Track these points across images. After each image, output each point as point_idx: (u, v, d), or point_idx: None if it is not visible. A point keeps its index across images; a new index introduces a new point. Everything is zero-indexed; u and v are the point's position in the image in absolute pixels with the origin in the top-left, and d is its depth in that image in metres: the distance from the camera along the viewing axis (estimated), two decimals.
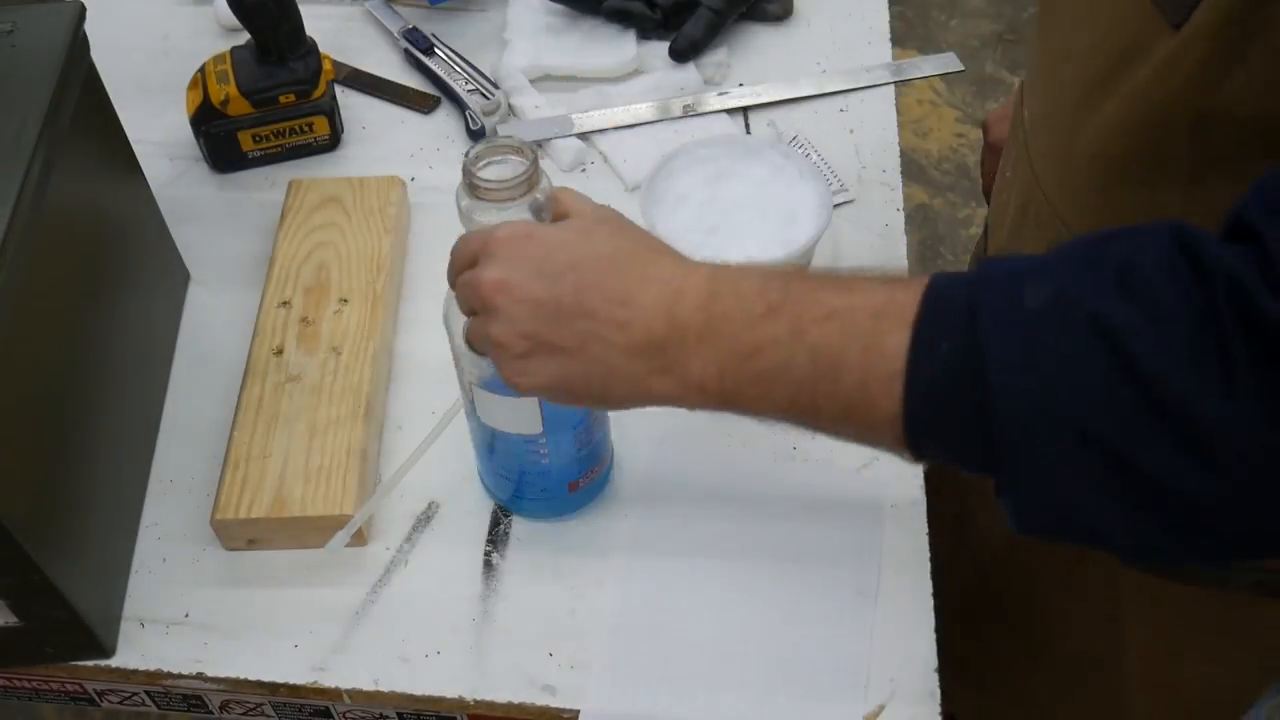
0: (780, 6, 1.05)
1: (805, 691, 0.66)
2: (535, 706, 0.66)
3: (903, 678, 0.67)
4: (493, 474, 0.73)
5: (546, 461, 0.69)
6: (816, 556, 0.71)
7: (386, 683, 0.67)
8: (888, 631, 0.68)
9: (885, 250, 0.87)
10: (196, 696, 0.72)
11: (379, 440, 0.77)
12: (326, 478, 0.71)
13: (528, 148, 0.58)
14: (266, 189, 0.92)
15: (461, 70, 0.98)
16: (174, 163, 0.95)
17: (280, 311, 0.80)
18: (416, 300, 0.85)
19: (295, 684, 0.67)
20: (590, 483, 0.72)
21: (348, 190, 0.87)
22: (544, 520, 0.73)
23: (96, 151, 0.73)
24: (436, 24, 1.04)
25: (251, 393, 0.75)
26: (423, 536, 0.73)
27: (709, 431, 0.77)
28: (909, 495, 0.74)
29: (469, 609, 0.70)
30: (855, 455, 0.76)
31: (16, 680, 0.73)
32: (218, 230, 0.90)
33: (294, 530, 0.71)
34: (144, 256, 0.81)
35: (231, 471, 0.72)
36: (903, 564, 0.71)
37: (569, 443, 0.68)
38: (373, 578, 0.71)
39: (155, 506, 0.75)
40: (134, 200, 0.80)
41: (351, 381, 0.76)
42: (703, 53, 1.00)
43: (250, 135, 0.92)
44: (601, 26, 1.03)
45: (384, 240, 0.84)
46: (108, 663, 0.68)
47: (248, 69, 0.90)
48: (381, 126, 0.98)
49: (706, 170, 0.74)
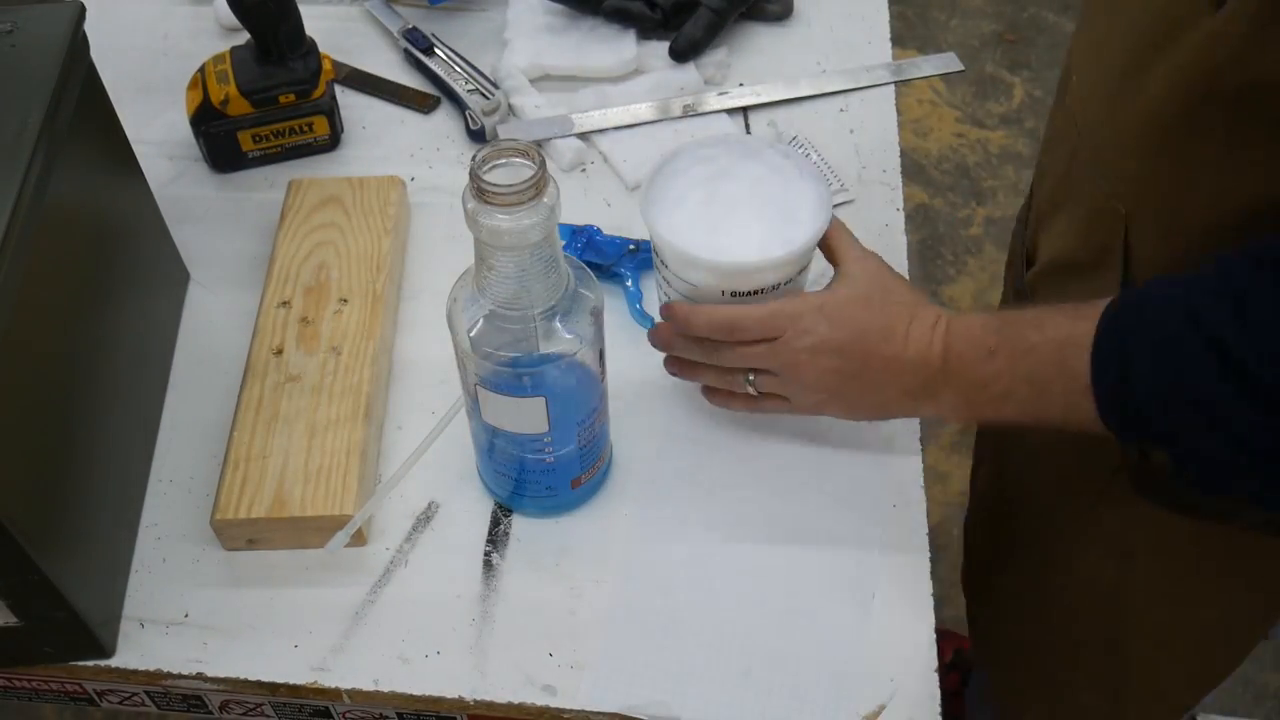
0: (780, 6, 1.05)
1: (805, 691, 0.66)
2: (535, 706, 0.66)
3: (903, 678, 0.67)
4: (493, 472, 0.73)
5: (550, 459, 0.69)
6: (817, 557, 0.71)
7: (386, 683, 0.67)
8: (888, 631, 0.68)
9: (885, 250, 0.87)
10: (196, 697, 0.72)
11: (379, 440, 0.77)
12: (326, 478, 0.71)
13: (535, 151, 0.58)
14: (266, 189, 0.92)
15: (461, 70, 0.98)
16: (174, 163, 0.95)
17: (280, 311, 0.80)
18: (416, 300, 0.85)
19: (295, 684, 0.67)
20: (592, 478, 0.73)
21: (347, 190, 0.87)
22: (545, 517, 0.73)
23: (96, 151, 0.73)
24: (436, 24, 1.04)
25: (251, 393, 0.75)
26: (422, 536, 0.73)
27: (708, 432, 0.77)
28: (909, 496, 0.74)
29: (469, 609, 0.70)
30: (855, 456, 0.76)
31: (16, 680, 0.73)
32: (217, 230, 0.90)
33: (294, 530, 0.71)
34: (144, 256, 0.81)
35: (231, 471, 0.72)
36: (903, 564, 0.71)
37: (573, 440, 0.68)
38: (372, 578, 0.71)
39: (155, 506, 0.75)
40: (134, 200, 0.80)
41: (351, 381, 0.76)
42: (703, 53, 1.00)
43: (250, 135, 0.92)
44: (601, 26, 1.03)
45: (384, 240, 0.84)
46: (107, 663, 0.68)
47: (247, 69, 0.90)
48: (381, 126, 0.98)
49: (706, 170, 0.74)
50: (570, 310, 0.63)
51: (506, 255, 0.59)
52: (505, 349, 0.63)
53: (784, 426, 0.77)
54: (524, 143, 0.59)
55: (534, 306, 0.62)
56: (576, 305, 0.64)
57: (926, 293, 1.08)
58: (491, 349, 0.63)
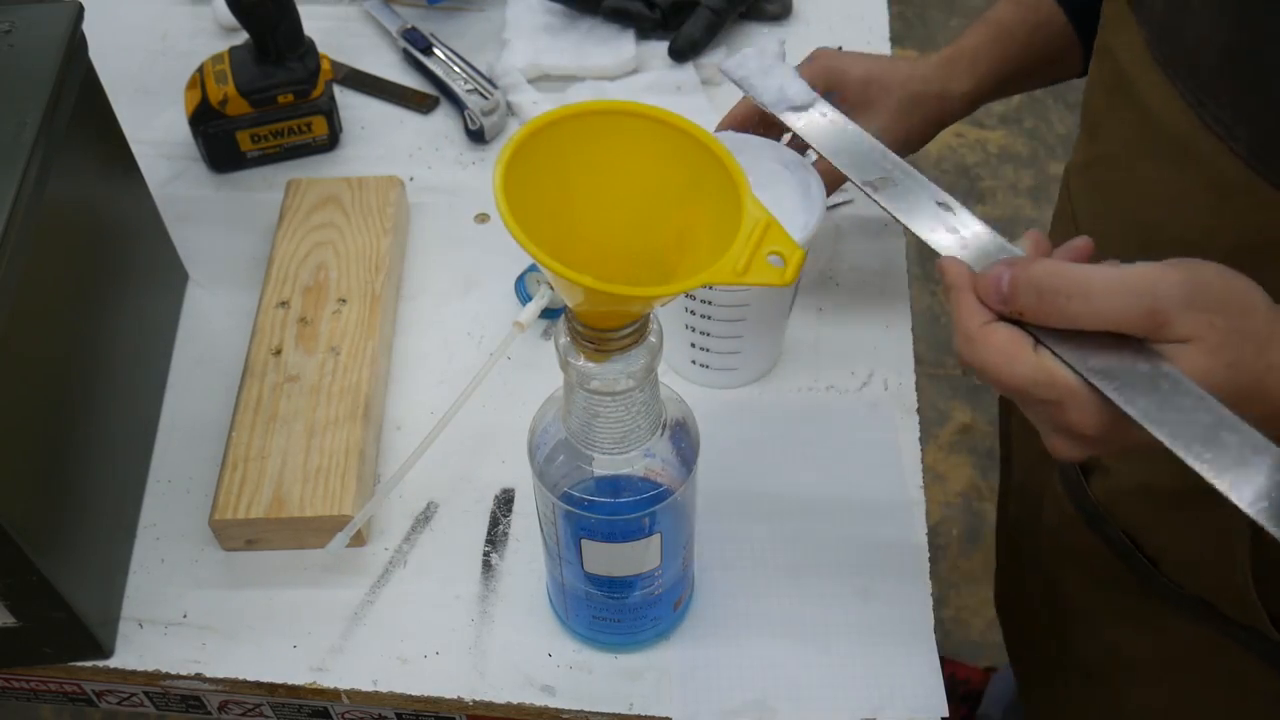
0: (779, 6, 1.05)
1: (804, 691, 0.66)
2: (534, 707, 0.66)
3: (903, 680, 0.66)
4: (589, 619, 0.66)
5: (659, 590, 0.64)
6: (816, 558, 0.71)
7: (385, 683, 0.67)
8: (888, 633, 0.68)
9: (885, 251, 0.87)
10: (195, 697, 0.71)
11: (378, 440, 0.77)
12: (325, 478, 0.71)
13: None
14: (265, 189, 0.92)
15: (460, 70, 0.98)
16: (172, 163, 0.95)
17: (279, 311, 0.79)
18: (415, 300, 0.85)
19: (294, 684, 0.67)
20: (689, 592, 0.68)
21: (346, 190, 0.87)
22: (647, 649, 0.68)
23: (94, 152, 0.73)
24: (435, 24, 1.04)
25: (250, 393, 0.75)
26: (422, 537, 0.73)
27: (707, 433, 0.77)
28: (909, 495, 0.74)
29: (468, 609, 0.70)
30: (855, 456, 0.76)
31: (14, 681, 0.73)
32: (216, 230, 0.90)
33: (292, 530, 0.71)
34: (142, 256, 0.81)
35: (230, 472, 0.72)
36: (903, 564, 0.71)
37: (678, 562, 0.63)
38: (372, 578, 0.71)
39: (154, 507, 0.75)
40: (132, 200, 0.80)
41: (350, 382, 0.76)
42: (702, 52, 1.00)
43: (249, 135, 0.92)
44: (600, 26, 1.02)
45: (383, 240, 0.84)
46: (106, 663, 0.68)
47: (246, 69, 0.90)
48: (380, 126, 0.98)
49: None
50: (674, 435, 0.57)
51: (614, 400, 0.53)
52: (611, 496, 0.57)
53: (781, 426, 0.77)
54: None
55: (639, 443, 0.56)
56: (678, 430, 0.58)
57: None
58: (598, 498, 0.57)
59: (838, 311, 0.84)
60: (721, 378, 0.79)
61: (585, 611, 0.65)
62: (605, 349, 0.50)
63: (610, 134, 0.48)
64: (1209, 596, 0.68)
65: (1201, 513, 0.64)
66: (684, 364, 0.79)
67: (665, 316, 0.65)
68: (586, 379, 0.51)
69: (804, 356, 0.81)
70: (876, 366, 0.80)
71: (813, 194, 0.72)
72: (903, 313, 0.83)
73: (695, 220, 0.48)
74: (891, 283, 0.85)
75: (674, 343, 0.77)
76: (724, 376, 0.79)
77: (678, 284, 0.47)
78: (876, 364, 0.81)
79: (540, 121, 0.47)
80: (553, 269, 0.44)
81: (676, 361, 0.80)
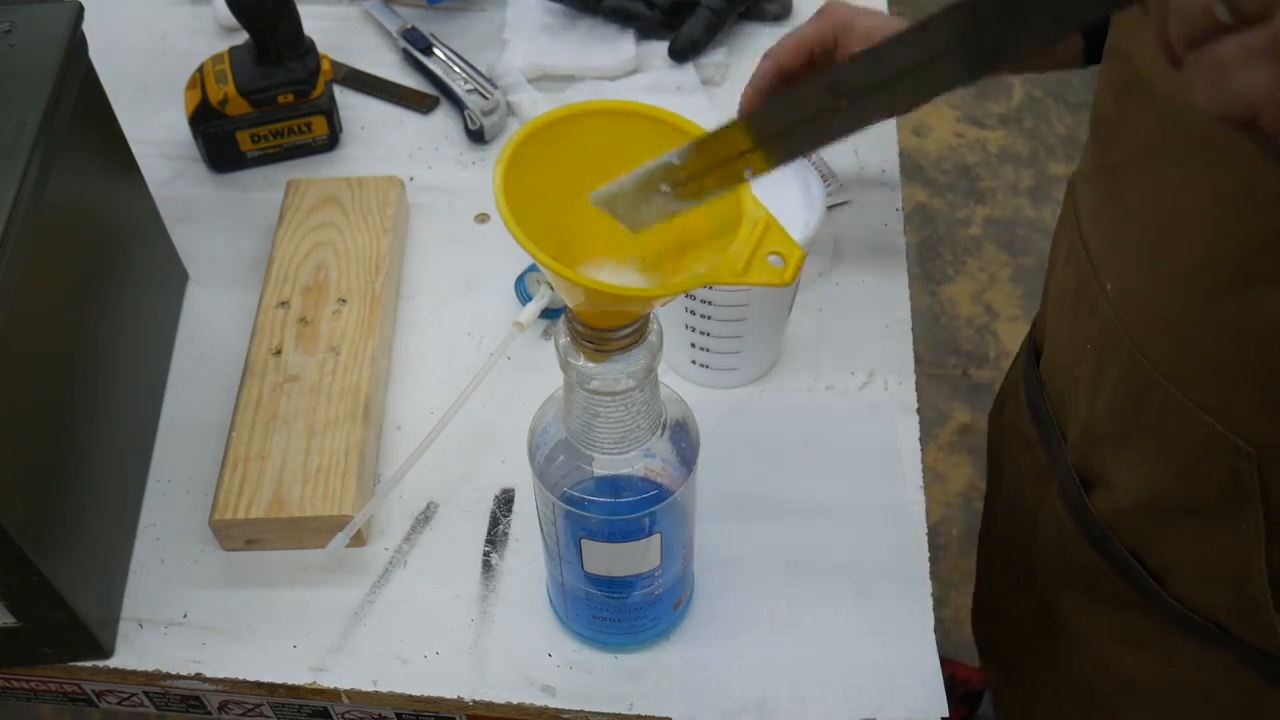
0: (779, 6, 1.05)
1: (803, 691, 0.66)
2: (534, 707, 0.66)
3: (903, 680, 0.66)
4: (588, 619, 0.66)
5: (659, 590, 0.64)
6: (816, 558, 0.71)
7: (385, 683, 0.67)
8: (888, 633, 0.68)
9: (884, 250, 0.87)
10: (195, 697, 0.71)
11: (378, 440, 0.77)
12: (325, 478, 0.71)
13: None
14: (265, 189, 0.92)
15: (460, 70, 0.98)
16: (172, 163, 0.95)
17: (279, 311, 0.79)
18: (415, 300, 0.85)
19: (294, 684, 0.67)
20: (689, 592, 0.68)
21: (346, 190, 0.87)
22: (646, 649, 0.68)
23: (94, 151, 0.73)
24: (435, 24, 1.04)
25: (250, 393, 0.75)
26: (422, 537, 0.73)
27: (707, 433, 0.77)
28: (909, 495, 0.74)
29: (468, 609, 0.70)
30: (855, 456, 0.76)
31: (14, 681, 0.73)
32: (216, 230, 0.90)
33: (292, 530, 0.71)
34: (142, 256, 0.81)
35: (230, 472, 0.72)
36: (903, 564, 0.71)
37: (678, 562, 0.63)
38: (371, 578, 0.71)
39: (153, 507, 0.75)
40: (132, 200, 0.80)
41: (350, 382, 0.76)
42: (702, 53, 1.00)
43: (249, 135, 0.92)
44: (600, 26, 1.03)
45: (382, 240, 0.84)
46: (106, 663, 0.68)
47: (246, 69, 0.90)
48: (380, 126, 0.98)
49: None
50: (674, 435, 0.57)
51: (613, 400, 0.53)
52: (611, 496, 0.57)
53: (781, 426, 0.77)
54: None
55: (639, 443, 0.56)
56: (678, 430, 0.58)
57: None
58: (598, 498, 0.57)
59: (838, 312, 0.84)
60: (721, 378, 0.79)
61: (585, 611, 0.66)
62: (605, 349, 0.50)
63: (610, 134, 0.48)
64: (1220, 617, 0.68)
65: (1214, 527, 0.64)
66: (684, 364, 0.79)
67: (665, 316, 0.65)
68: (586, 379, 0.51)
69: (804, 356, 0.81)
70: (876, 366, 0.80)
71: (813, 194, 0.72)
72: (903, 313, 0.83)
73: (695, 220, 0.48)
74: (891, 283, 0.85)
75: (674, 343, 0.77)
76: (724, 376, 0.79)
77: (678, 284, 0.47)
78: (876, 364, 0.81)
79: (540, 121, 0.47)
80: (553, 269, 0.44)
81: (676, 361, 0.80)
